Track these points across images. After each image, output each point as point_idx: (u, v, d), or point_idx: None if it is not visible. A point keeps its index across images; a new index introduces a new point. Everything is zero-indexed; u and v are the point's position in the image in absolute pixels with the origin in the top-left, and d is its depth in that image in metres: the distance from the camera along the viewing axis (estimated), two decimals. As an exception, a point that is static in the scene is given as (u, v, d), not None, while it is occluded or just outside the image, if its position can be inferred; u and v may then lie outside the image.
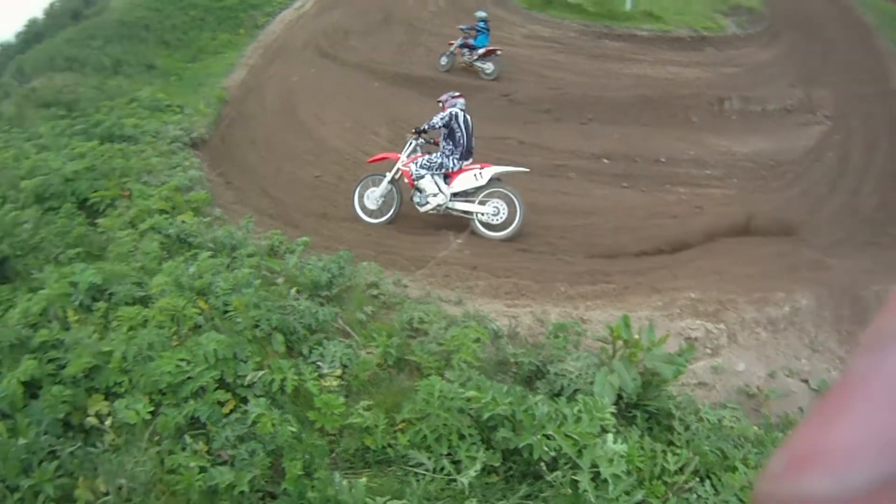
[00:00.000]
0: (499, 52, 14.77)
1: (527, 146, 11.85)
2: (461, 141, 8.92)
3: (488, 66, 14.83)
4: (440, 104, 9.38)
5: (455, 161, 8.96)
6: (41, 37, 28.33)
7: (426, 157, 9.11)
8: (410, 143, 9.35)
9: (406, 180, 9.19)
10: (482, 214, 8.81)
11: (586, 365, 4.82)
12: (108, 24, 22.46)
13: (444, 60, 15.57)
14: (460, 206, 8.94)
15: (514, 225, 8.71)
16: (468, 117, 9.06)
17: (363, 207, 9.44)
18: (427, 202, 9.06)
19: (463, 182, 8.89)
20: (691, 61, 16.12)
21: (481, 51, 14.86)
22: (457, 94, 9.52)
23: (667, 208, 10.18)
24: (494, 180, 8.85)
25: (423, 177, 8.99)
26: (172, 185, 9.16)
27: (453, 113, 8.92)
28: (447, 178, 8.99)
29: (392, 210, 9.34)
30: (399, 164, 9.20)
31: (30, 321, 5.18)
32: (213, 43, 21.82)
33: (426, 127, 9.07)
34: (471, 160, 9.10)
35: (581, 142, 11.96)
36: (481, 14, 15.51)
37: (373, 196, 9.33)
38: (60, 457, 3.98)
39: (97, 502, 3.75)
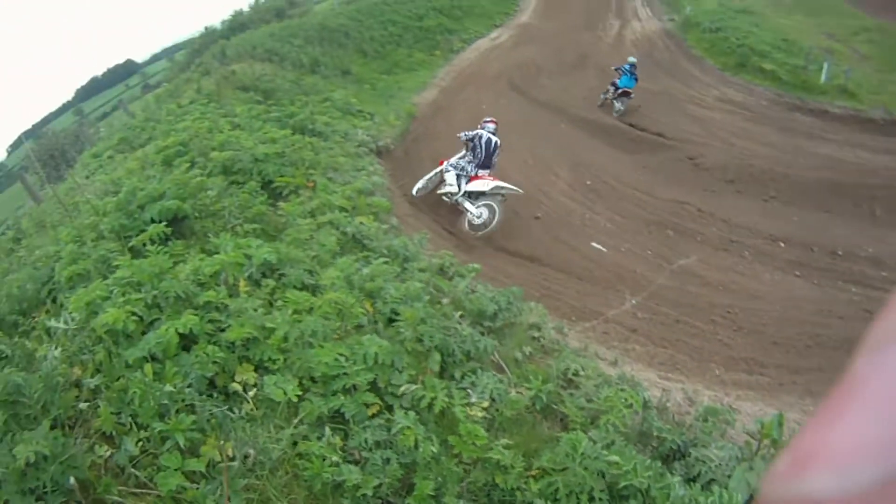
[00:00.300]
0: (631, 95, 16.34)
1: (705, 215, 11.80)
2: (479, 155, 11.23)
3: (618, 105, 16.70)
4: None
5: (473, 168, 11.23)
6: (245, 27, 30.64)
7: (458, 159, 11.48)
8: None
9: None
10: (472, 214, 10.95)
11: (728, 456, 4.91)
12: (310, 25, 24.00)
13: (601, 97, 17.18)
14: (466, 203, 11.05)
15: (488, 228, 10.86)
16: (492, 139, 11.34)
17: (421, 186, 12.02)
18: (445, 189, 11.37)
19: (475, 185, 11.00)
20: (883, 147, 15.29)
21: (619, 91, 16.59)
22: (490, 119, 11.87)
23: (836, 307, 9.66)
24: (494, 193, 10.94)
25: (449, 171, 11.32)
26: (356, 186, 9.80)
27: (479, 134, 11.37)
28: (469, 179, 11.15)
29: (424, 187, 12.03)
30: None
31: (199, 279, 5.48)
32: (409, 60, 23.12)
33: (462, 136, 11.55)
34: (487, 171, 11.25)
35: (760, 219, 11.76)
36: (631, 59, 17.03)
37: (424, 178, 11.97)
38: (198, 412, 4.21)
39: (220, 464, 3.95)
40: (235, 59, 20.49)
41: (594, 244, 10.91)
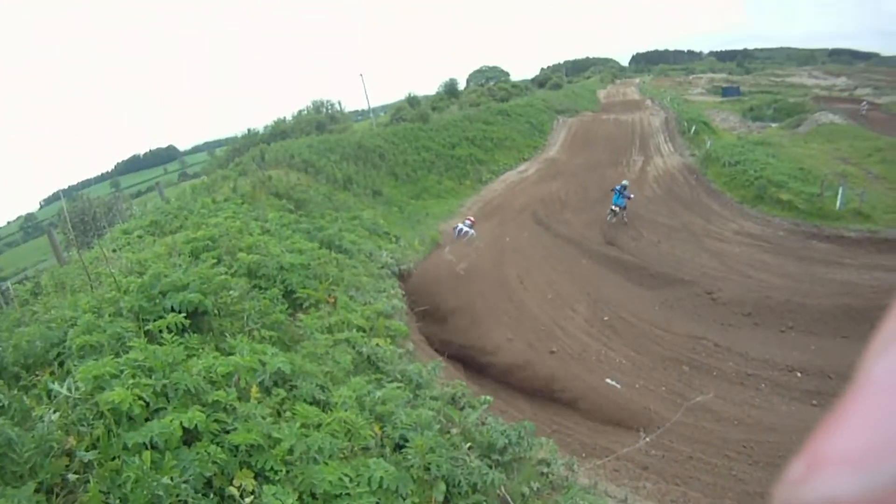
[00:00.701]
0: (616, 210, 19.23)
1: (721, 349, 11.82)
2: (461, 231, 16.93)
3: (608, 215, 19.24)
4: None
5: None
6: (285, 135, 32.50)
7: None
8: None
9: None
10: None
11: None
12: (348, 143, 25.15)
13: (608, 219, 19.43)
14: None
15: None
16: (464, 228, 16.69)
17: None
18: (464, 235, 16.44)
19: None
20: (900, 266, 15.44)
21: (613, 207, 19.27)
22: (471, 219, 17.55)
23: None
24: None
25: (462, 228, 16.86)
26: (376, 307, 9.82)
27: (459, 227, 16.65)
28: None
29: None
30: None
31: (211, 377, 5.41)
32: (438, 187, 24.38)
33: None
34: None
35: (776, 351, 11.75)
36: (624, 182, 20.01)
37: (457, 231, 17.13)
38: (191, 510, 4.14)
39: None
40: (273, 164, 21.22)
41: (608, 381, 10.92)
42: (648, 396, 10.52)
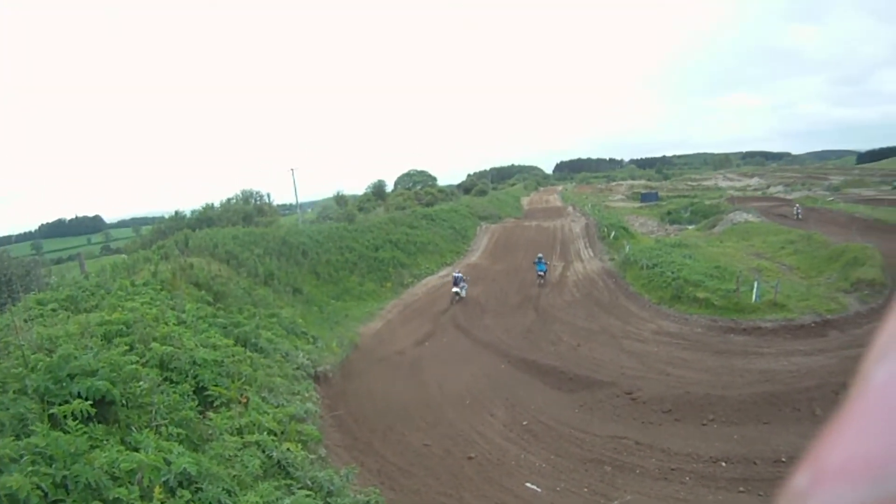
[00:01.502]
0: (541, 276, 24.64)
1: (643, 447, 11.77)
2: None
3: (538, 280, 24.27)
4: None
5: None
6: (212, 222, 32.90)
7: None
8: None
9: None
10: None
11: None
12: (273, 237, 25.40)
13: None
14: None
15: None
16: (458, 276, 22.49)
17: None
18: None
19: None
20: (815, 349, 16.02)
21: (539, 273, 24.94)
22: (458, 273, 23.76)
23: None
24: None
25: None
26: (289, 410, 9.73)
27: (455, 275, 20.67)
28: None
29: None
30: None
31: (113, 472, 5.23)
32: (360, 288, 24.64)
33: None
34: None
35: (699, 443, 11.78)
36: (539, 255, 26.47)
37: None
38: None
39: None
40: (196, 251, 21.18)
41: (528, 484, 10.66)
42: (570, 498, 10.26)
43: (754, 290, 19.55)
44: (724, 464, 11.11)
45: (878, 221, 36.04)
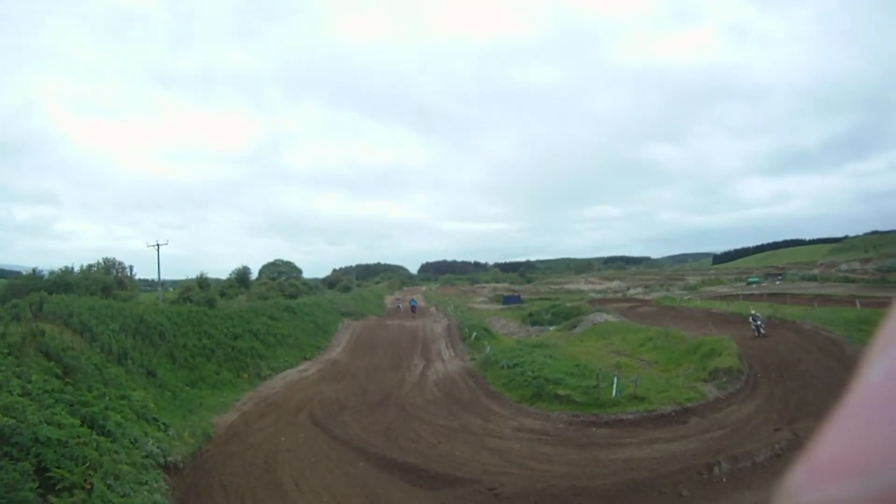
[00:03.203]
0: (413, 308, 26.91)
1: None
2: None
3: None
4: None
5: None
6: (69, 287, 31.35)
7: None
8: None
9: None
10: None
11: None
12: (131, 314, 24.20)
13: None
14: None
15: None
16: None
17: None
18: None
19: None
20: (677, 435, 16.94)
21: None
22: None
23: None
24: None
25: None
26: (135, 502, 9.34)
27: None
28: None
29: None
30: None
31: None
32: (216, 377, 23.64)
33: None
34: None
35: None
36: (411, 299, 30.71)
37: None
38: None
39: None
40: (50, 317, 20.05)
41: None
42: None
43: (614, 386, 20.44)
44: None
45: (733, 314, 40.01)
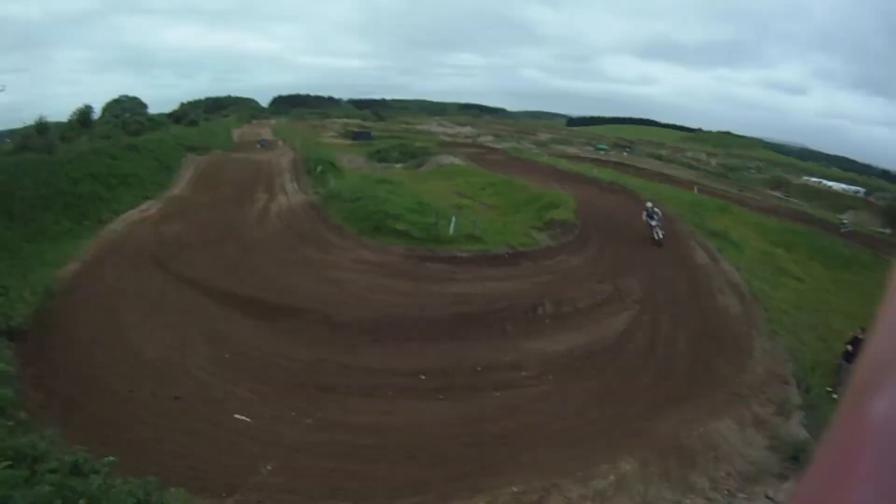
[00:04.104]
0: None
1: (346, 367, 12.75)
2: None
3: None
4: None
5: None
6: None
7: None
8: None
9: None
10: None
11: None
12: None
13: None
14: None
15: None
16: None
17: None
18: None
19: None
20: (508, 275, 18.55)
21: None
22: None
23: (484, 411, 11.43)
24: None
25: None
26: None
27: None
28: None
29: None
30: None
31: None
32: (56, 228, 22.47)
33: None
34: None
35: (399, 360, 13.09)
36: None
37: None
38: None
39: None
40: None
41: (237, 416, 11.04)
42: (279, 424, 10.86)
43: (451, 224, 21.68)
44: (423, 377, 12.59)
45: (577, 174, 42.46)
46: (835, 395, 14.71)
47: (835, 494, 0.32)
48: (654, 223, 23.98)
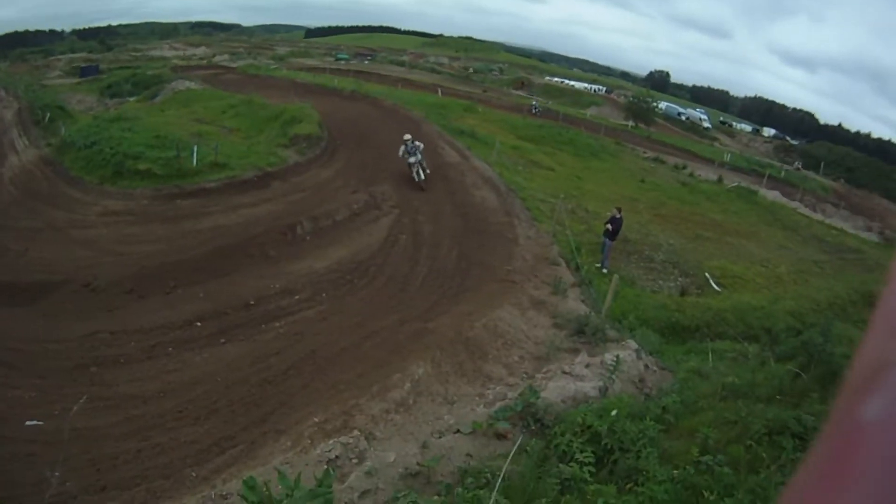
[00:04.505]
0: None
1: (118, 335, 11.78)
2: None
3: None
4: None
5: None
6: None
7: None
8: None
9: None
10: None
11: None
12: None
13: None
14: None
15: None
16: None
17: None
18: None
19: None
20: (260, 199, 18.41)
21: None
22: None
23: (269, 347, 11.17)
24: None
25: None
26: None
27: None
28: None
29: None
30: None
31: None
32: None
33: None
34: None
35: (169, 312, 12.39)
36: None
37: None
38: None
39: None
40: None
41: (29, 422, 9.75)
42: (70, 416, 9.31)
43: (194, 154, 20.74)
44: (199, 324, 12.08)
45: (318, 85, 43.66)
46: (604, 270, 16.63)
47: (827, 496, 0.32)
48: (412, 160, 20.93)
